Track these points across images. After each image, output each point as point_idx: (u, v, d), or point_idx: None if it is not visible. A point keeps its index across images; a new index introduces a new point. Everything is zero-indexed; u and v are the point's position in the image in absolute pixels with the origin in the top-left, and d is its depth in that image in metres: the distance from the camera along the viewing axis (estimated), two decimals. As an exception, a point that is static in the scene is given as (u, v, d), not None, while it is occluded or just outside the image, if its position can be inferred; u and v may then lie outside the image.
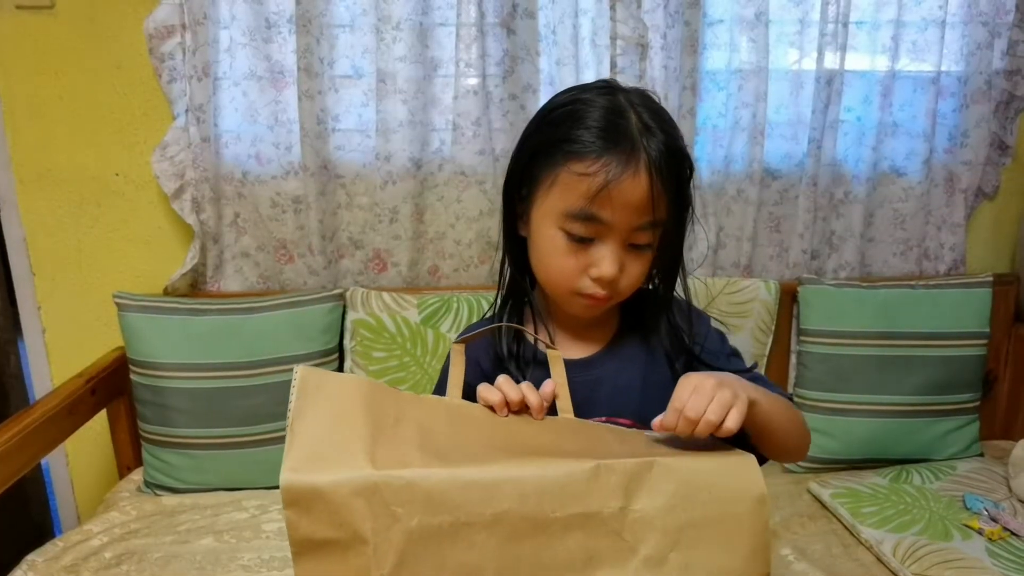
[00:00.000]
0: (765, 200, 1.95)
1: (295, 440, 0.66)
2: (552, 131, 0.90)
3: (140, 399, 1.70)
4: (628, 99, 0.89)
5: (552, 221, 0.89)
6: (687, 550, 0.67)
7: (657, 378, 0.96)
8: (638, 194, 0.85)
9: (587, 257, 0.88)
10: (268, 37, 1.75)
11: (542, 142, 0.91)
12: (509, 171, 0.97)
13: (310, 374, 0.72)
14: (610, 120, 0.87)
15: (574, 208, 0.86)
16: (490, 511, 0.64)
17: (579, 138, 0.86)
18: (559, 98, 0.94)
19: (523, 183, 0.94)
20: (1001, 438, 1.99)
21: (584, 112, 0.88)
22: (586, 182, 0.85)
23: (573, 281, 0.90)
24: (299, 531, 0.63)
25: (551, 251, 0.90)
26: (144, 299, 1.71)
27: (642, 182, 0.85)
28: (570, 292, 0.91)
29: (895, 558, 1.42)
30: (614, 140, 0.85)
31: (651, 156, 0.85)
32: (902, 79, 1.91)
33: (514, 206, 0.97)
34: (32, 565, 1.43)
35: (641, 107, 0.89)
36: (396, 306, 1.78)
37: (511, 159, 0.97)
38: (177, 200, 1.78)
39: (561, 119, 0.90)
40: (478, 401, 0.83)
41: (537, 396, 0.82)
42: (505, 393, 0.81)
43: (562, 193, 0.87)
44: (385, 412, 0.72)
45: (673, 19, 1.80)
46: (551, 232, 0.89)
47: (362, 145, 1.83)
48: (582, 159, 0.85)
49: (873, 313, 1.80)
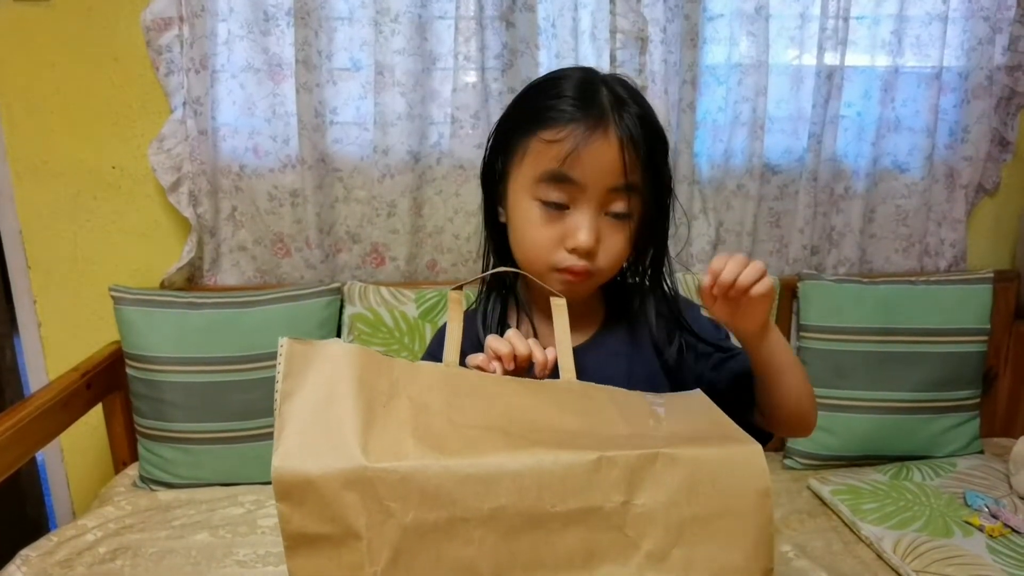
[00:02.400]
0: (765, 195, 1.94)
1: (285, 426, 0.65)
2: (524, 106, 0.92)
3: (136, 393, 1.69)
4: (603, 77, 0.90)
5: (526, 192, 0.89)
6: (690, 545, 0.66)
7: (643, 371, 0.96)
8: (609, 155, 0.85)
9: (563, 227, 0.88)
10: (266, 29, 1.74)
11: (515, 118, 0.92)
12: (485, 156, 0.97)
13: (296, 347, 0.70)
14: (581, 90, 0.87)
15: (545, 171, 0.86)
16: (487, 506, 0.63)
17: (551, 106, 0.87)
18: (536, 80, 0.95)
19: (498, 160, 0.94)
20: (1001, 435, 1.98)
21: (556, 86, 0.89)
22: (555, 147, 0.85)
23: (550, 254, 0.89)
24: (292, 525, 0.62)
25: (527, 224, 0.90)
26: (140, 293, 1.71)
27: (612, 144, 0.85)
28: (548, 267, 0.90)
29: (895, 555, 1.42)
30: (584, 107, 0.86)
31: (621, 124, 0.85)
32: (903, 74, 1.90)
33: (494, 193, 0.96)
34: (26, 560, 1.42)
35: (615, 84, 0.89)
36: (394, 300, 1.77)
37: (487, 144, 0.97)
38: (174, 193, 1.77)
39: (534, 95, 0.91)
40: (485, 351, 0.82)
41: (543, 353, 0.82)
42: (515, 345, 0.81)
43: (533, 161, 0.88)
44: (378, 388, 0.70)
45: (673, 13, 1.79)
46: (526, 204, 0.89)
47: (360, 138, 1.82)
48: (551, 126, 0.86)
49: (873, 309, 1.80)
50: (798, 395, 0.89)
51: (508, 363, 0.81)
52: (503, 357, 0.81)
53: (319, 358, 0.70)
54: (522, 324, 0.97)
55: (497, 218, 0.98)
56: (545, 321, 0.98)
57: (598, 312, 1.01)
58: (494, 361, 0.81)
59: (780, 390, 0.88)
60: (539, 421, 0.72)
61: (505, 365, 0.81)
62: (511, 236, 0.94)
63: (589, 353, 0.94)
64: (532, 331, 0.97)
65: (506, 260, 0.98)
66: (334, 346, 0.72)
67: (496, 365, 0.81)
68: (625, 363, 0.97)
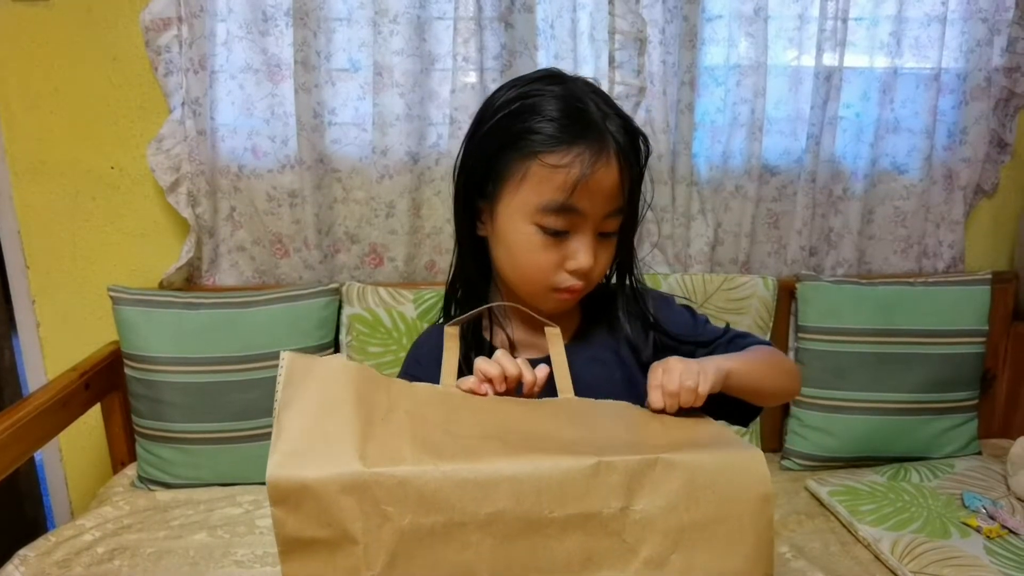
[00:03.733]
0: (763, 196, 1.94)
1: (282, 433, 0.64)
2: (512, 124, 0.87)
3: (134, 393, 1.69)
4: (578, 87, 0.89)
5: (524, 217, 0.87)
6: (689, 551, 0.66)
7: (623, 372, 0.96)
8: (609, 181, 0.85)
9: (563, 250, 0.88)
10: (265, 30, 1.74)
11: (503, 136, 0.88)
12: (464, 170, 0.93)
13: (297, 360, 0.70)
14: (572, 108, 0.86)
15: (552, 202, 0.85)
16: (485, 511, 0.63)
17: (544, 130, 0.85)
18: (507, 93, 0.91)
19: (487, 180, 0.90)
20: (999, 436, 1.98)
21: (541, 103, 0.87)
22: (561, 174, 0.84)
23: (549, 276, 0.89)
24: (286, 529, 0.62)
25: (526, 248, 0.88)
26: (139, 293, 1.70)
27: (613, 170, 0.85)
28: (546, 288, 0.90)
29: (893, 556, 1.42)
30: (581, 130, 0.85)
31: (618, 142, 0.85)
32: (901, 76, 1.90)
33: (472, 206, 0.94)
34: (24, 560, 1.42)
35: (593, 94, 0.88)
36: (392, 301, 1.77)
37: (463, 158, 0.94)
38: (173, 194, 1.77)
39: (519, 111, 0.87)
40: (474, 374, 0.81)
41: (532, 373, 0.81)
42: (504, 367, 0.80)
43: (535, 187, 0.85)
44: (376, 402, 0.70)
45: (672, 14, 1.79)
46: (525, 228, 0.87)
47: (359, 139, 1.82)
48: (554, 151, 0.84)
49: (871, 310, 1.80)
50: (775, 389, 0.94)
51: (499, 385, 0.80)
52: (494, 379, 0.80)
53: (319, 371, 0.71)
54: (496, 335, 0.97)
55: (474, 231, 0.95)
56: (522, 328, 0.98)
57: (574, 316, 1.00)
58: (484, 384, 0.80)
59: (760, 397, 0.93)
60: (537, 431, 0.72)
61: (496, 387, 0.80)
62: (500, 254, 0.92)
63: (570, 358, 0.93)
64: (508, 340, 0.97)
65: (484, 272, 0.97)
66: (334, 361, 0.73)
67: (487, 387, 0.80)
68: (604, 365, 0.97)
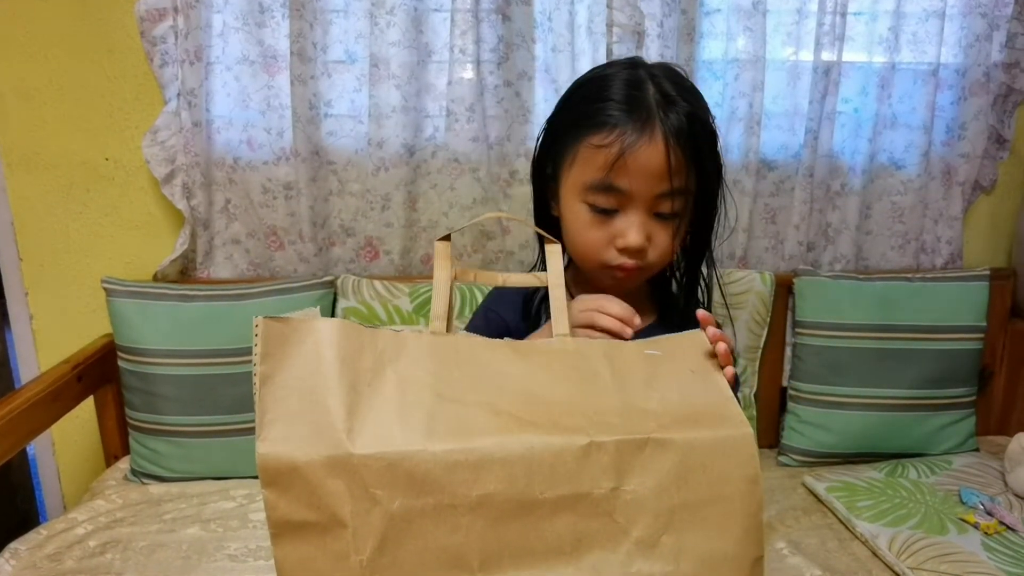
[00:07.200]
0: (761, 191, 1.93)
1: (267, 410, 0.63)
2: (573, 109, 0.94)
3: (128, 386, 1.68)
4: (649, 72, 0.91)
5: (576, 196, 0.92)
6: (680, 532, 0.65)
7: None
8: (655, 161, 0.86)
9: (612, 228, 0.90)
10: (261, 21, 1.73)
11: (564, 121, 0.95)
12: (535, 153, 1.01)
13: (273, 328, 0.66)
14: (627, 92, 0.89)
15: (593, 180, 0.89)
16: (475, 493, 0.62)
17: (597, 112, 0.89)
18: (584, 76, 0.98)
19: (548, 163, 0.97)
20: (997, 433, 1.98)
21: (603, 87, 0.91)
22: (603, 153, 0.87)
23: (601, 253, 0.92)
24: (278, 512, 0.61)
25: (578, 226, 0.93)
26: (133, 285, 1.69)
27: (659, 149, 0.86)
28: (600, 265, 0.93)
29: (890, 552, 1.41)
30: (629, 111, 0.87)
31: (667, 124, 0.86)
32: (900, 71, 1.89)
33: (545, 188, 1.00)
34: (15, 553, 1.41)
35: (662, 79, 0.90)
36: (388, 294, 1.76)
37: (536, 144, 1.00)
38: (168, 185, 1.76)
39: (581, 97, 0.93)
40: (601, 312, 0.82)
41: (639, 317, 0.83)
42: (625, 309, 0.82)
43: (582, 167, 0.90)
44: (361, 365, 0.67)
45: (670, 7, 1.78)
46: (576, 207, 0.92)
47: (354, 131, 1.81)
48: (598, 131, 0.87)
49: (869, 306, 1.79)
50: None
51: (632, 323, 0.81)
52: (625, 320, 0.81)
53: (297, 337, 0.67)
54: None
55: (549, 211, 1.00)
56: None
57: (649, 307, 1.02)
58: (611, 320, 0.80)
59: None
60: (529, 392, 0.69)
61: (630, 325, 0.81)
62: (564, 232, 0.97)
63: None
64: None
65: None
66: (313, 322, 0.68)
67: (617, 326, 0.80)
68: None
